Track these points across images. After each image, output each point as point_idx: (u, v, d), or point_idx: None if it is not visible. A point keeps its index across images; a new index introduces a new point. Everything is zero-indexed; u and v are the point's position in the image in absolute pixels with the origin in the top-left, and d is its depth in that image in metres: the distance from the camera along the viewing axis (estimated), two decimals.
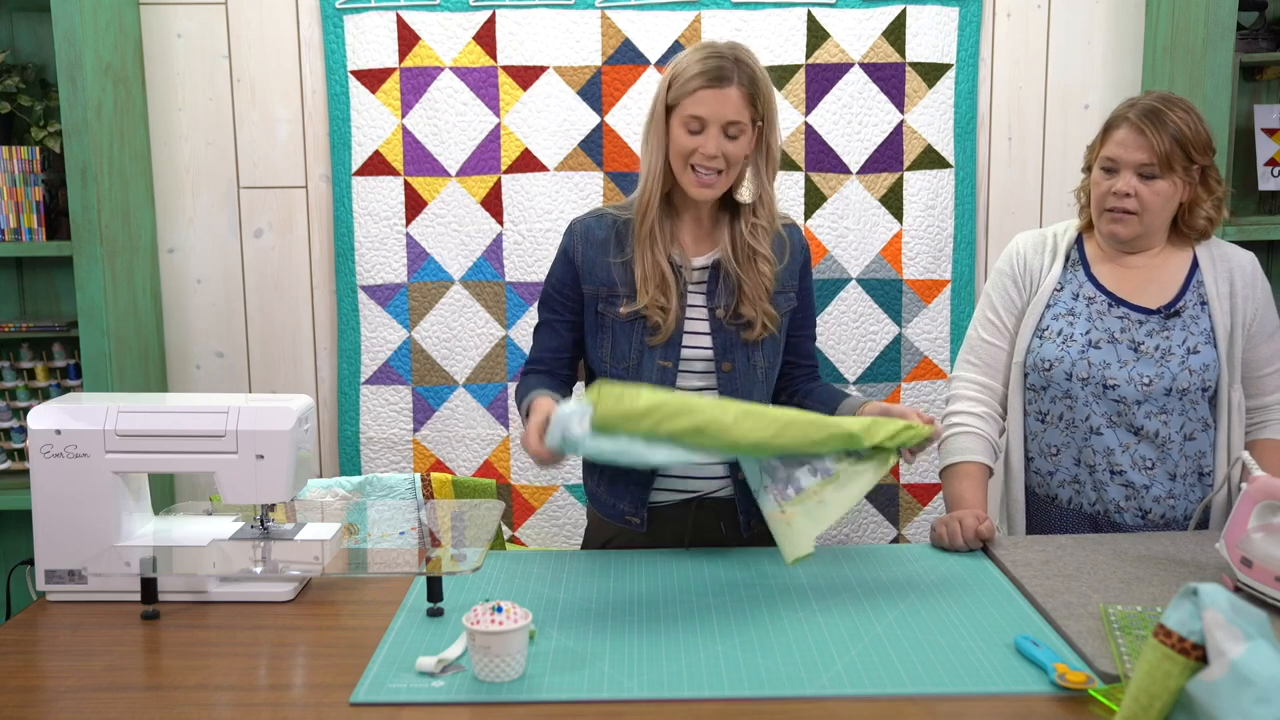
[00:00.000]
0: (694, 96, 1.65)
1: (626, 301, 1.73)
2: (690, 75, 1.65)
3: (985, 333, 1.96)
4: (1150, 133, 1.76)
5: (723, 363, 1.75)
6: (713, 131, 1.65)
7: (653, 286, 1.71)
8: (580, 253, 1.77)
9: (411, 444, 2.84)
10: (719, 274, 1.75)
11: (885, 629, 1.44)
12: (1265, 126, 2.71)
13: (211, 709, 1.25)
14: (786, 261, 1.78)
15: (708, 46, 1.68)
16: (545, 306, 1.83)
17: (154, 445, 1.55)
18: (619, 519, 1.81)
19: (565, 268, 1.79)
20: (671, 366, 1.74)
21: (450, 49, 2.73)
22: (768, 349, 1.79)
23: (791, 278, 1.80)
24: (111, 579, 1.54)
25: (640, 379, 1.73)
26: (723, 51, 1.66)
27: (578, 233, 1.79)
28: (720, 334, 1.75)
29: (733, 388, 1.76)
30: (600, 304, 1.76)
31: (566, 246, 1.79)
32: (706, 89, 1.64)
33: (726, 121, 1.65)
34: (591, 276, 1.76)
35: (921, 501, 2.87)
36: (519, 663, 1.30)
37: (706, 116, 1.65)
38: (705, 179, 1.68)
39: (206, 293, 2.86)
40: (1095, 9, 2.79)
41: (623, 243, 1.75)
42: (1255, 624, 1.04)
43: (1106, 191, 1.82)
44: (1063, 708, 1.23)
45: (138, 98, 2.71)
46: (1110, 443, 1.84)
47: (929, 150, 2.78)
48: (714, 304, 1.75)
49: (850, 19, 2.73)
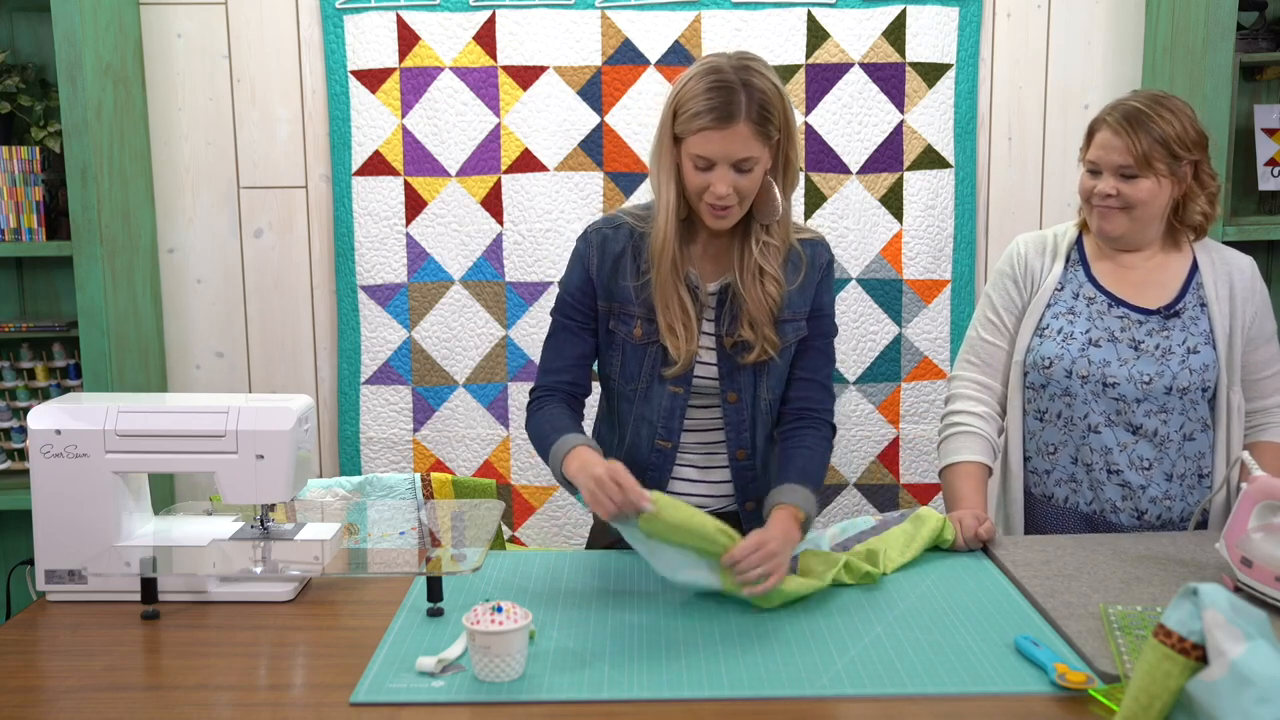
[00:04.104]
0: (700, 135, 1.54)
1: (641, 324, 1.68)
2: (695, 112, 1.54)
3: (985, 332, 1.96)
4: (1127, 135, 1.77)
5: (728, 393, 1.71)
6: (721, 171, 1.56)
7: (678, 324, 1.64)
8: (595, 265, 1.70)
9: (411, 444, 2.84)
10: (727, 297, 1.69)
11: (885, 629, 1.44)
12: (1265, 126, 2.71)
13: (211, 709, 1.25)
14: (801, 281, 1.69)
15: (713, 73, 1.55)
16: (563, 313, 1.74)
17: (154, 445, 1.55)
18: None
19: (582, 276, 1.71)
20: (682, 394, 1.71)
21: (450, 49, 2.73)
22: (773, 380, 1.73)
23: (804, 303, 1.71)
24: (111, 579, 1.54)
25: (649, 403, 1.71)
26: (729, 80, 1.53)
27: (594, 243, 1.70)
28: (725, 362, 1.70)
29: (738, 419, 1.73)
30: (612, 320, 1.70)
31: (583, 255, 1.71)
32: (712, 130, 1.53)
33: (736, 160, 1.55)
34: (605, 291, 1.70)
35: (921, 501, 2.87)
36: (519, 663, 1.30)
37: (714, 157, 1.55)
38: (720, 212, 1.60)
39: (206, 293, 2.86)
40: (1095, 9, 2.79)
41: (639, 259, 1.68)
42: (1255, 624, 1.04)
43: (1091, 191, 1.85)
44: (1063, 708, 1.23)
45: (138, 98, 2.71)
46: (1108, 442, 1.84)
47: (929, 150, 2.78)
48: (720, 330, 1.69)
49: (850, 19, 2.73)
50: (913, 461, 2.87)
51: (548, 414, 1.68)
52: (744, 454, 1.75)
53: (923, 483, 2.87)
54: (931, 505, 2.85)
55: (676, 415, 1.72)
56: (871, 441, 2.85)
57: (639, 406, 1.73)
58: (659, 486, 1.73)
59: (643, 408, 1.73)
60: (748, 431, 1.74)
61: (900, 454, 2.86)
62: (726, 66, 1.56)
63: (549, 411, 1.69)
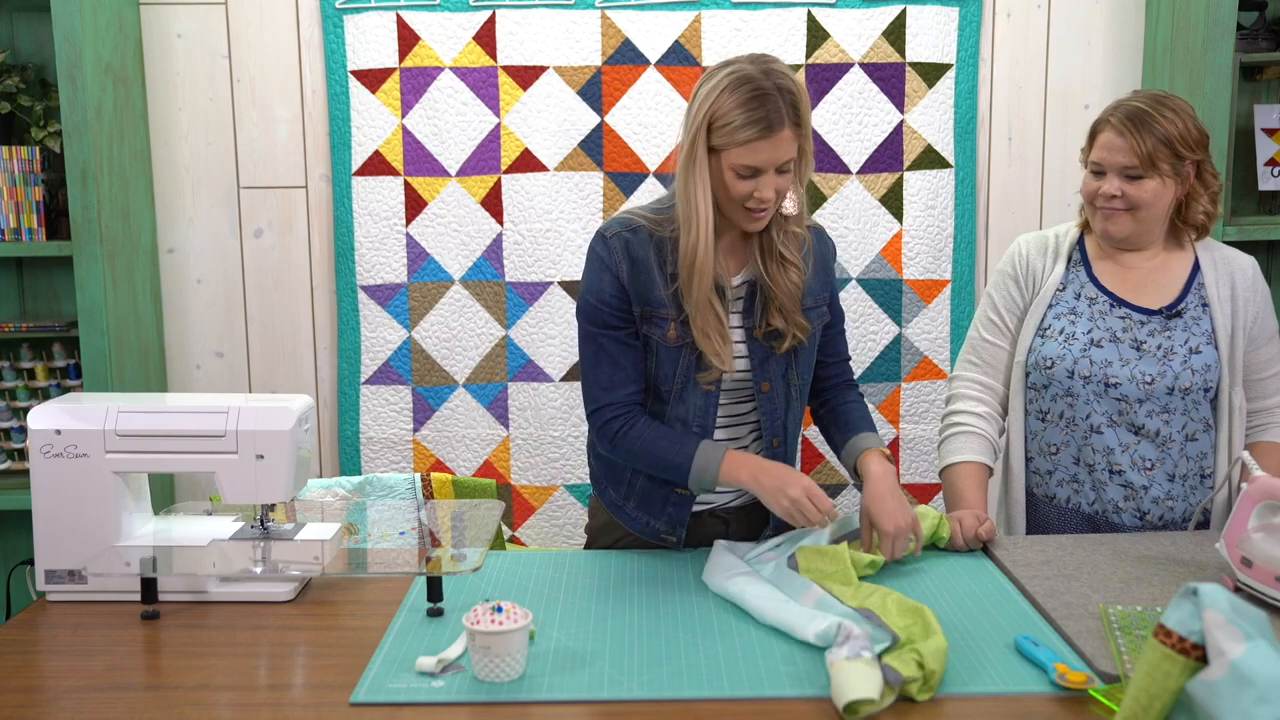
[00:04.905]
0: (747, 148, 1.55)
1: (675, 326, 1.67)
2: (738, 125, 1.54)
3: (987, 333, 1.96)
4: (1131, 135, 1.77)
5: (761, 383, 1.73)
6: (767, 177, 1.58)
7: (714, 334, 1.65)
8: (627, 271, 1.67)
9: (411, 444, 2.84)
10: (754, 290, 1.71)
11: None
12: (1265, 126, 2.71)
13: (211, 709, 1.25)
14: (814, 268, 1.74)
15: (746, 83, 1.55)
16: (604, 324, 1.69)
17: (154, 445, 1.55)
18: (653, 536, 1.79)
19: (615, 283, 1.67)
20: (715, 391, 1.72)
21: (450, 49, 2.73)
22: (802, 365, 1.77)
23: (824, 289, 1.77)
24: (111, 579, 1.54)
25: (685, 403, 1.71)
26: (765, 89, 1.54)
27: (617, 248, 1.67)
28: (757, 352, 1.72)
29: (771, 408, 1.74)
30: (645, 325, 1.69)
31: (608, 262, 1.67)
32: (760, 140, 1.55)
33: (781, 163, 1.58)
34: (636, 297, 1.68)
35: (922, 501, 2.87)
36: (519, 663, 1.30)
37: (762, 165, 1.57)
38: (760, 215, 1.62)
39: (206, 293, 2.86)
40: (1095, 9, 2.79)
41: (664, 264, 1.67)
42: (1255, 624, 1.04)
43: (1095, 192, 1.84)
44: (1063, 708, 1.23)
45: (138, 98, 2.71)
46: (1110, 442, 1.84)
47: (929, 150, 2.78)
48: (749, 322, 1.71)
49: (850, 19, 2.73)
50: (913, 461, 2.87)
51: (647, 429, 1.69)
52: (777, 441, 1.78)
53: (923, 482, 2.87)
54: (932, 505, 2.86)
55: (711, 413, 1.73)
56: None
57: (674, 407, 1.72)
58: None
59: (677, 408, 1.72)
60: (780, 419, 1.77)
61: (900, 454, 2.86)
62: (757, 74, 1.56)
63: (646, 427, 1.70)
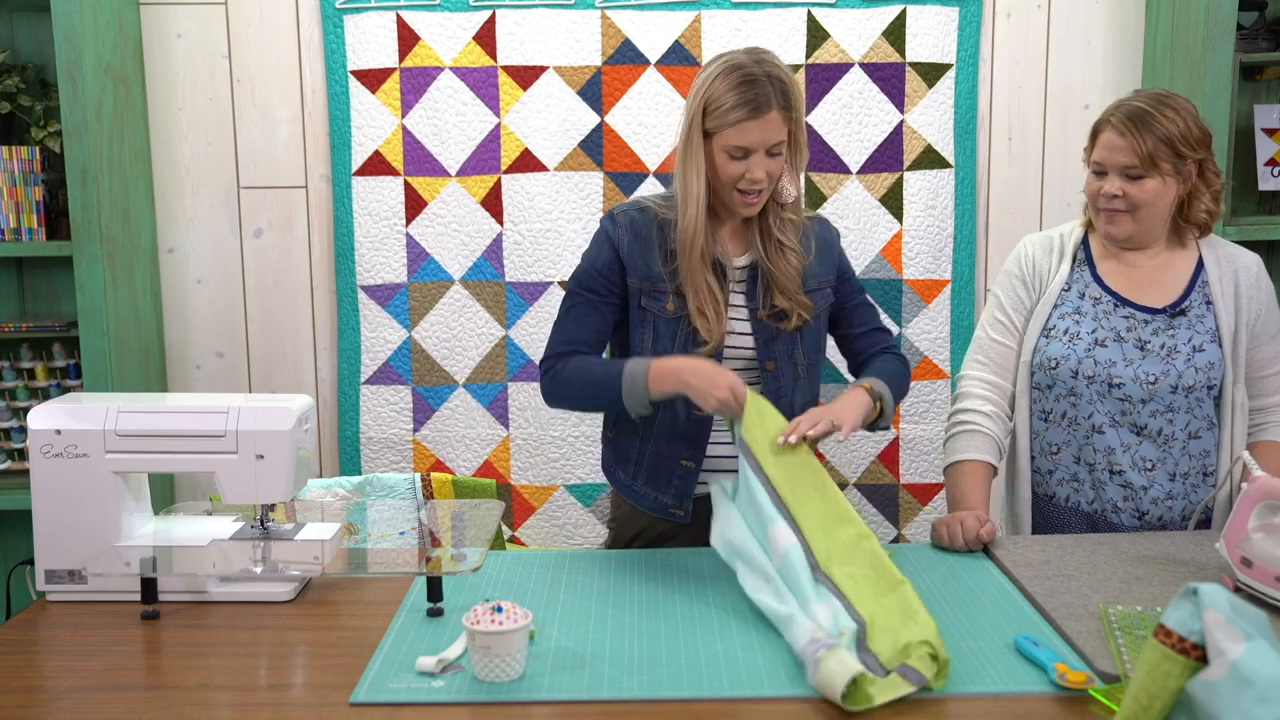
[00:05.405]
0: (737, 128, 1.65)
1: (672, 299, 1.74)
2: (729, 106, 1.64)
3: (994, 333, 1.96)
4: (1132, 135, 1.77)
5: (766, 362, 1.77)
6: (758, 158, 1.67)
7: (708, 308, 1.71)
8: (625, 244, 1.76)
9: (411, 444, 2.84)
10: (757, 273, 1.77)
11: None
12: (1265, 126, 2.71)
13: (211, 709, 1.25)
14: (816, 253, 1.80)
15: (737, 69, 1.66)
16: (585, 288, 1.78)
17: (154, 445, 1.55)
18: (662, 512, 1.82)
19: (610, 254, 1.77)
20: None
21: (450, 49, 2.73)
22: (808, 345, 1.81)
23: (828, 272, 1.83)
24: (111, 579, 1.54)
25: None
26: (755, 74, 1.65)
27: (622, 224, 1.77)
28: (762, 333, 1.77)
29: (776, 386, 1.78)
30: (644, 298, 1.76)
31: (610, 235, 1.77)
32: (749, 120, 1.64)
33: (770, 145, 1.67)
34: (635, 270, 1.76)
35: (921, 501, 2.87)
36: (519, 663, 1.30)
37: (752, 146, 1.66)
38: (752, 199, 1.71)
39: (206, 293, 2.86)
40: (1095, 9, 2.79)
41: (665, 244, 1.75)
42: (1255, 624, 1.04)
43: (1097, 192, 1.85)
44: (1063, 708, 1.23)
45: (138, 98, 2.71)
46: (1111, 442, 1.84)
47: (929, 150, 2.78)
48: (753, 303, 1.77)
49: (850, 19, 2.73)
50: (913, 461, 2.86)
51: (581, 360, 1.75)
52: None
53: (923, 483, 2.87)
54: (934, 504, 2.86)
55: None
56: (872, 441, 2.85)
57: None
58: (698, 455, 1.79)
59: None
60: (786, 398, 1.79)
61: (900, 454, 2.86)
62: (748, 62, 1.67)
63: (581, 359, 1.75)
